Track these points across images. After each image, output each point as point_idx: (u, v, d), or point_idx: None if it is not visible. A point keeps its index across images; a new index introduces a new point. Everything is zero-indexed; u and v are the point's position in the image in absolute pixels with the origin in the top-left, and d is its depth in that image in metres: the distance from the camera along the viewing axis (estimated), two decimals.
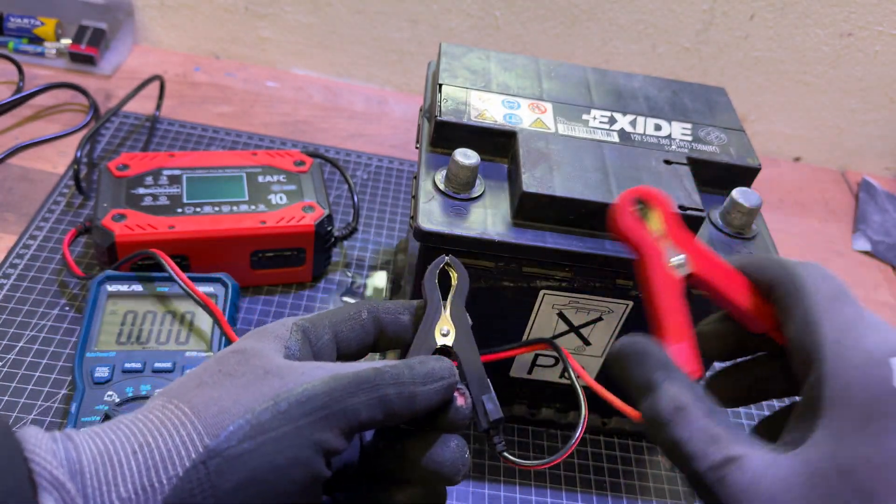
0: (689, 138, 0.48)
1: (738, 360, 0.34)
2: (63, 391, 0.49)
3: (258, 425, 0.26)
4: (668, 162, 0.45)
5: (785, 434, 0.27)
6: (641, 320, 0.45)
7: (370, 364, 0.30)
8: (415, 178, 0.45)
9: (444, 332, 0.34)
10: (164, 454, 0.25)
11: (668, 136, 0.47)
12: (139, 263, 0.53)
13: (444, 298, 0.35)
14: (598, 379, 0.51)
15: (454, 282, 0.36)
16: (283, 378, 0.27)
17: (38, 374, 0.50)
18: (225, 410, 0.26)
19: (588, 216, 0.41)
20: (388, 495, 0.32)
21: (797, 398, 0.28)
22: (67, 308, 0.54)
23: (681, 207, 0.41)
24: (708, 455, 0.26)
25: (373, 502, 0.32)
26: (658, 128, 0.48)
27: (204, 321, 0.51)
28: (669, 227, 0.33)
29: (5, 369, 0.50)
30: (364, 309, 0.34)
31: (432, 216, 0.41)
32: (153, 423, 0.26)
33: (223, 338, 0.50)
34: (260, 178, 0.59)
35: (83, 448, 0.25)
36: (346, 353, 0.33)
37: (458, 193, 0.43)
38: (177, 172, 0.58)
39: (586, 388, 0.35)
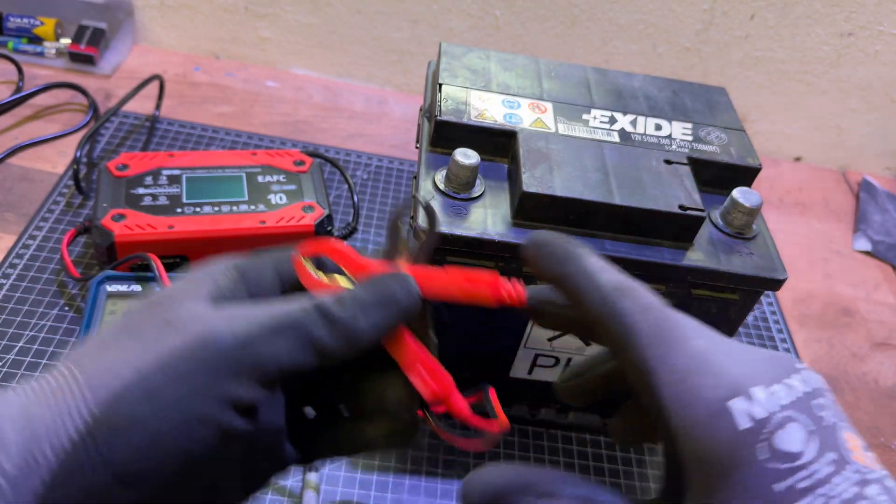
0: (690, 138, 0.47)
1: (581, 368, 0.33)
2: None
3: (150, 388, 0.24)
4: (668, 162, 0.45)
5: (662, 495, 0.27)
6: None
7: (308, 301, 0.27)
8: (415, 178, 0.45)
9: None
10: (48, 424, 0.23)
11: (669, 136, 0.47)
12: (139, 264, 0.53)
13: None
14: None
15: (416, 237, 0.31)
16: (182, 329, 0.25)
17: (37, 374, 0.50)
18: (113, 372, 0.24)
19: (588, 216, 0.41)
20: (358, 430, 0.30)
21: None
22: (67, 308, 0.54)
23: (681, 207, 0.41)
24: None
25: (342, 444, 0.30)
26: (658, 127, 0.48)
27: None
28: (352, 266, 0.30)
29: (5, 369, 0.50)
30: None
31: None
32: (42, 389, 0.24)
33: None
34: (260, 178, 0.59)
35: None
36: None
37: (458, 193, 0.42)
38: (176, 172, 0.58)
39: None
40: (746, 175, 0.47)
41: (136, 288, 0.51)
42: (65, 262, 0.54)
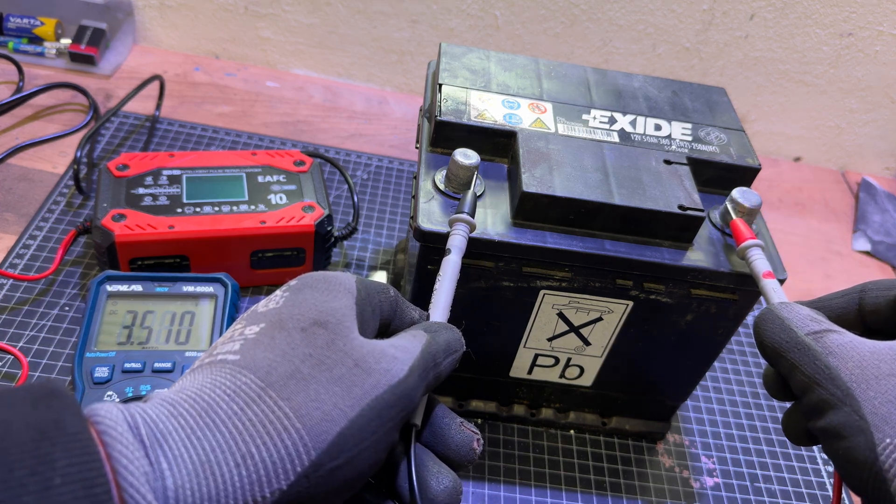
0: (689, 138, 0.48)
1: None
2: None
3: (356, 436, 0.26)
4: (668, 162, 0.45)
5: None
6: (641, 320, 0.45)
7: (419, 335, 0.31)
8: (415, 178, 0.45)
9: None
10: (269, 467, 0.24)
11: (668, 136, 0.47)
12: (139, 263, 0.53)
13: None
14: (600, 378, 0.51)
15: None
16: (370, 374, 0.27)
17: (38, 374, 0.50)
18: (327, 417, 0.26)
19: (588, 216, 0.41)
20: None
21: None
22: (67, 308, 0.54)
23: (680, 207, 0.41)
24: (809, 326, 0.32)
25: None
26: (658, 128, 0.48)
27: (204, 321, 0.51)
28: None
29: (5, 369, 0.50)
30: (390, 288, 0.33)
31: (432, 216, 0.41)
32: (254, 423, 0.25)
33: None
34: (260, 178, 0.59)
35: (182, 461, 0.23)
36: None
37: (458, 193, 0.43)
38: (177, 172, 0.58)
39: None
40: (746, 175, 0.47)
41: (137, 287, 0.52)
42: (55, 260, 0.54)
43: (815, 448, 0.57)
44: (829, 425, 0.29)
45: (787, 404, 0.60)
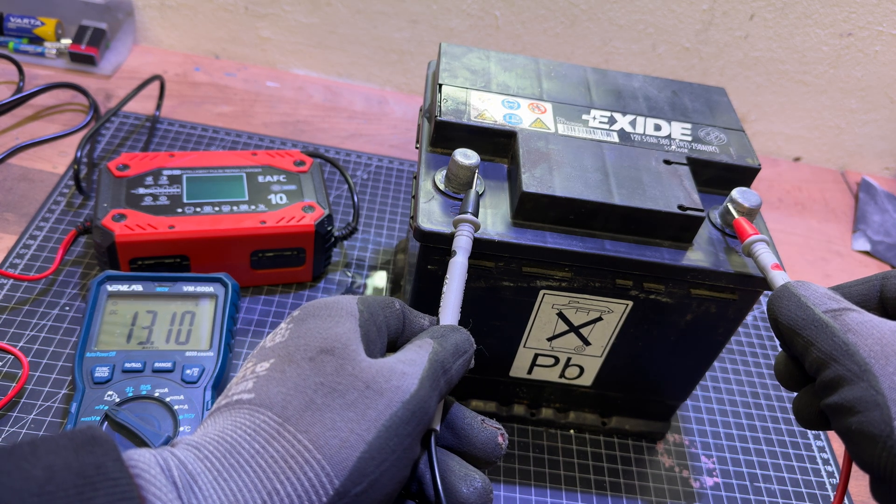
0: (689, 138, 0.48)
1: None
2: (63, 391, 0.49)
3: (376, 458, 0.26)
4: (667, 162, 0.45)
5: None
6: (641, 320, 0.46)
7: (426, 343, 0.31)
8: (415, 178, 0.45)
9: None
10: (294, 501, 0.25)
11: (668, 136, 0.47)
12: (139, 263, 0.53)
13: None
14: (600, 378, 0.51)
15: None
16: (382, 394, 0.28)
17: (38, 374, 0.50)
18: (346, 444, 0.26)
19: (588, 216, 0.41)
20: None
21: None
22: (67, 308, 0.54)
23: (680, 207, 0.41)
24: (826, 304, 0.32)
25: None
26: (658, 128, 0.48)
27: (204, 321, 0.51)
28: None
29: (5, 369, 0.50)
30: (395, 301, 0.34)
31: (432, 216, 0.41)
32: (276, 460, 0.25)
33: (223, 338, 0.50)
34: (260, 178, 0.59)
35: (212, 502, 0.24)
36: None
37: (458, 193, 0.43)
38: (177, 172, 0.58)
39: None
40: (745, 175, 0.47)
41: (138, 287, 0.52)
42: (55, 261, 0.54)
43: (815, 448, 0.57)
44: (843, 400, 0.29)
45: (791, 402, 0.60)
